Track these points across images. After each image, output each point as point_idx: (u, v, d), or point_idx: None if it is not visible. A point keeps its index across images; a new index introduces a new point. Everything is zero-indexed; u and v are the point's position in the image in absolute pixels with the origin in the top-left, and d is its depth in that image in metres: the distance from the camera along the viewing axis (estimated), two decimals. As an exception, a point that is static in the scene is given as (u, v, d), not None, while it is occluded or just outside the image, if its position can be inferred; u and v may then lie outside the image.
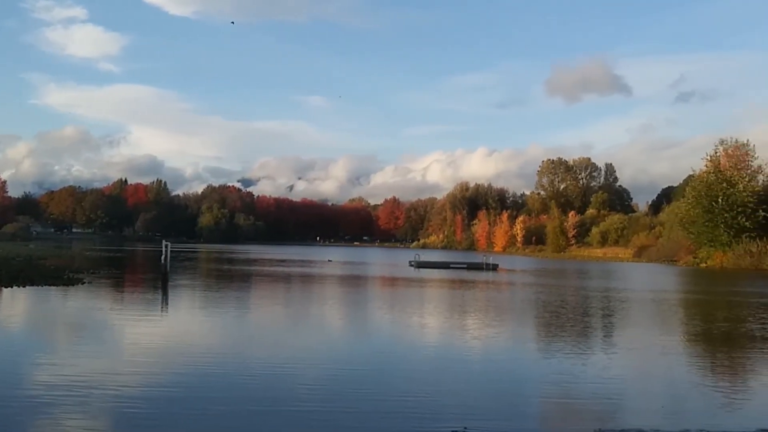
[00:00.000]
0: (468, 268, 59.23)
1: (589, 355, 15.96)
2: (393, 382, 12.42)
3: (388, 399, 10.90)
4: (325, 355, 15.13)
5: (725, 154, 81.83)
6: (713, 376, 14.16)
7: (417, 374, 13.25)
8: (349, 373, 13.08)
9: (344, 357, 14.97)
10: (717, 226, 76.67)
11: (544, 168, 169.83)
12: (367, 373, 13.06)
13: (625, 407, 11.05)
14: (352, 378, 12.57)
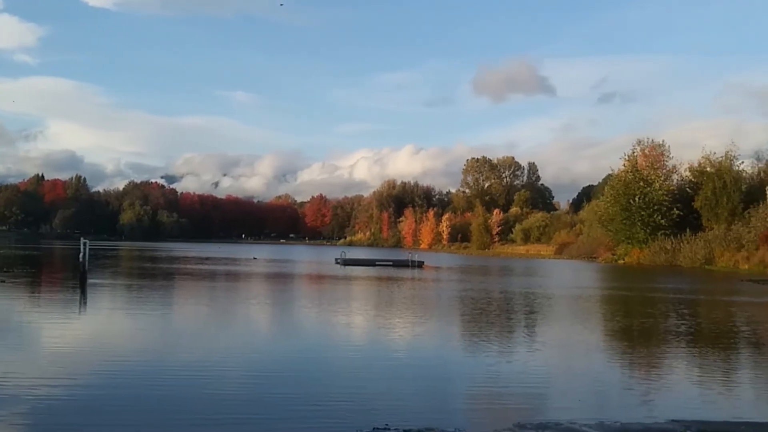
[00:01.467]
0: (394, 266, 59.50)
1: (513, 351, 16.22)
2: (318, 381, 12.33)
3: (313, 398, 10.82)
4: (249, 355, 14.92)
5: (642, 154, 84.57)
6: (631, 370, 14.57)
7: (343, 373, 13.19)
8: (273, 373, 12.92)
9: (269, 357, 14.78)
10: (634, 223, 79.13)
11: (469, 166, 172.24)
12: (292, 373, 12.93)
13: (546, 402, 11.27)
14: (277, 378, 12.42)
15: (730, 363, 15.62)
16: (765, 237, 62.03)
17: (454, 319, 22.85)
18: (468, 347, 16.88)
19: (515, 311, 25.68)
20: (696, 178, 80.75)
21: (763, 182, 75.64)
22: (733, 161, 78.75)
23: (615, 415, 9.99)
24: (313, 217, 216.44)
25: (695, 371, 14.34)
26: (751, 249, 63.45)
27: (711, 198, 75.49)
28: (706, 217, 75.70)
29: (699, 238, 71.32)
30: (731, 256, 65.11)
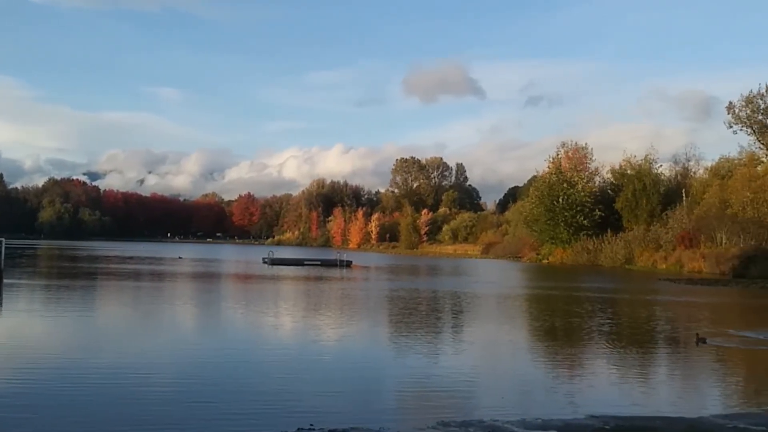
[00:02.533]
0: (322, 265, 59.37)
1: (441, 351, 16.41)
2: (244, 383, 12.19)
3: (238, 400, 10.69)
4: (172, 357, 14.64)
5: (566, 156, 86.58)
6: (554, 368, 14.90)
7: (269, 374, 13.09)
8: (198, 375, 12.72)
9: (193, 359, 14.53)
10: (558, 224, 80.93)
11: (398, 166, 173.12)
12: (217, 375, 12.74)
13: (472, 400, 11.43)
14: (201, 380, 12.23)
15: (649, 360, 16.17)
16: (681, 238, 64.29)
17: (382, 319, 22.94)
18: (396, 347, 16.97)
19: (443, 311, 25.97)
20: (617, 180, 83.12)
21: (680, 185, 78.35)
22: (653, 164, 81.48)
23: (537, 412, 10.22)
24: (240, 215, 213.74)
25: (615, 369, 14.77)
26: (668, 249, 65.69)
27: (631, 200, 77.80)
28: (627, 218, 77.98)
29: (620, 239, 73.43)
30: (650, 256, 67.26)
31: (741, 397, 12.41)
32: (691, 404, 11.37)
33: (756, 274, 48.98)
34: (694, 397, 12.37)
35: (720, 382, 13.80)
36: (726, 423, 9.62)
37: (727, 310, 30.28)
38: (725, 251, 56.72)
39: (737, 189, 63.55)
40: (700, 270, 57.02)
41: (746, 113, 76.87)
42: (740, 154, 76.69)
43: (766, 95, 76.09)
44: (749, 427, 9.40)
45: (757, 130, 76.56)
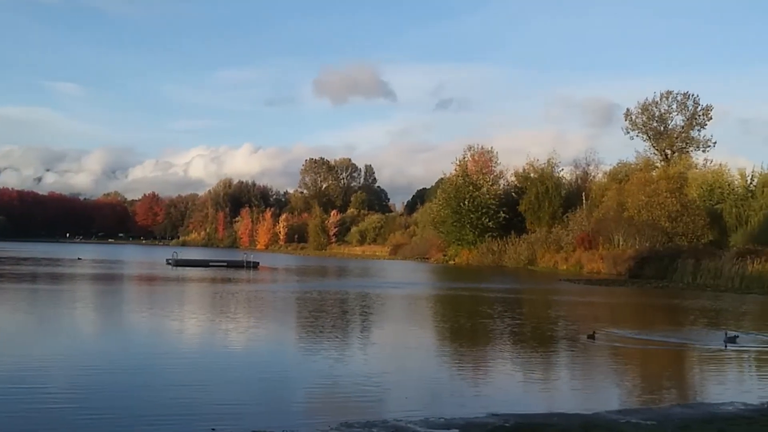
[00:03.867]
0: (228, 266, 58.53)
1: (348, 352, 16.49)
2: (146, 389, 11.90)
3: (141, 407, 10.44)
4: (70, 364, 14.14)
5: (472, 159, 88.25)
6: (459, 368, 15.22)
7: (173, 379, 12.84)
8: (97, 382, 12.35)
9: (93, 365, 14.06)
10: (464, 225, 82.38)
11: (307, 167, 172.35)
12: (118, 381, 12.41)
13: (377, 400, 11.55)
14: (102, 387, 11.87)
15: (549, 359, 16.71)
16: (581, 239, 66.53)
17: (290, 322, 22.86)
18: (303, 350, 16.95)
19: (352, 312, 26.07)
20: (521, 183, 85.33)
21: (580, 188, 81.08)
22: (555, 168, 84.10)
23: (441, 411, 10.41)
24: (144, 215, 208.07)
25: (518, 368, 15.20)
26: (569, 250, 67.87)
27: (534, 202, 80.00)
28: (530, 220, 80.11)
29: (523, 240, 75.38)
30: (551, 257, 69.33)
31: (634, 394, 12.99)
32: (587, 401, 11.81)
33: (650, 274, 51.20)
34: (591, 394, 12.86)
35: (615, 380, 14.39)
36: (619, 418, 10.06)
37: (624, 309, 31.55)
38: (622, 252, 59.03)
39: (633, 193, 66.23)
40: (598, 270, 59.14)
41: (642, 120, 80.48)
42: (636, 159, 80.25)
43: (661, 103, 79.88)
44: (641, 422, 9.85)
45: (652, 137, 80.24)
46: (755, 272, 42.32)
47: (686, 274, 47.69)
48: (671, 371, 15.87)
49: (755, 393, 12.59)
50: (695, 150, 79.10)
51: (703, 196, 66.56)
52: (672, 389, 13.67)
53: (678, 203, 62.91)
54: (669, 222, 61.92)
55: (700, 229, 62.29)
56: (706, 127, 78.92)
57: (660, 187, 64.51)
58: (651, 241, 59.35)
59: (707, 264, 46.66)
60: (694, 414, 10.53)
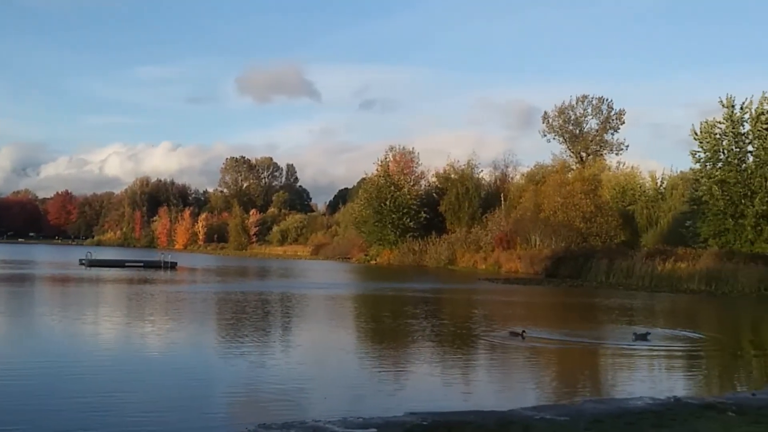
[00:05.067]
0: (145, 267, 57.19)
1: (269, 353, 16.40)
2: (59, 396, 11.52)
3: (52, 415, 10.10)
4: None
5: (394, 160, 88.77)
6: (379, 367, 15.31)
7: (87, 385, 12.48)
8: (4, 389, 11.92)
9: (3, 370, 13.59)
10: (385, 226, 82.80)
11: (227, 166, 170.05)
12: (28, 388, 11.98)
13: (298, 401, 11.53)
14: (9, 395, 11.47)
15: (468, 358, 16.98)
16: (499, 240, 67.77)
17: (209, 323, 22.53)
18: (224, 352, 16.74)
19: (273, 313, 25.86)
20: (441, 184, 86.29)
21: (499, 189, 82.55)
22: (474, 169, 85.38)
23: (359, 411, 10.45)
24: (57, 214, 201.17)
25: (437, 367, 15.40)
26: (487, 250, 69.01)
27: (454, 203, 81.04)
28: (450, 220, 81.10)
29: (443, 240, 76.24)
30: (471, 256, 70.37)
31: (550, 391, 13.32)
32: (504, 398, 12.06)
33: (565, 273, 52.54)
34: (507, 391, 13.13)
35: (532, 378, 14.72)
36: (534, 415, 10.29)
37: (541, 308, 32.31)
38: (538, 252, 60.40)
39: (549, 194, 67.87)
40: (516, 270, 60.36)
41: (559, 123, 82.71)
42: (553, 161, 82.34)
43: (576, 107, 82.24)
44: (554, 417, 10.10)
45: (568, 139, 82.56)
46: (664, 271, 44.00)
47: (600, 273, 49.15)
48: (585, 368, 16.33)
49: (664, 388, 13.06)
50: (609, 153, 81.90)
51: (615, 197, 68.78)
52: (585, 386, 14.08)
53: (592, 204, 64.81)
54: (583, 223, 63.73)
55: (613, 230, 64.36)
56: (619, 130, 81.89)
57: (575, 189, 66.30)
58: (566, 242, 60.93)
59: (619, 263, 48.21)
60: (605, 409, 10.85)
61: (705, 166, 49.34)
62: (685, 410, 10.73)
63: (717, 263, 42.08)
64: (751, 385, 14.11)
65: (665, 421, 9.90)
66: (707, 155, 49.12)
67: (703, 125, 49.41)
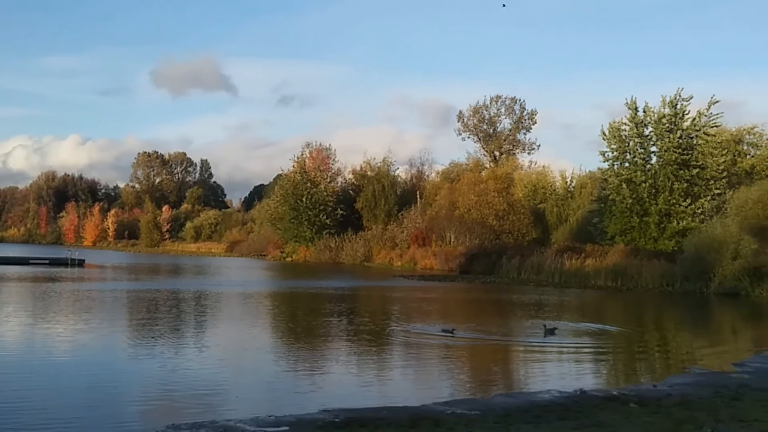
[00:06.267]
0: (51, 264, 55.25)
1: (181, 352, 16.16)
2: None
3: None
4: None
5: (310, 156, 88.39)
6: (293, 366, 15.30)
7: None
8: None
9: None
10: (301, 222, 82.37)
11: (139, 161, 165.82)
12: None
13: (210, 401, 11.41)
14: None
15: (382, 355, 17.11)
16: (415, 237, 68.40)
17: (120, 323, 21.95)
18: (136, 352, 16.37)
19: (186, 312, 25.42)
20: (358, 181, 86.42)
21: (415, 187, 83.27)
22: (391, 167, 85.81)
23: (272, 409, 10.41)
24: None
25: (351, 364, 15.48)
26: (403, 247, 69.55)
27: (371, 200, 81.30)
28: (366, 217, 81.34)
29: (360, 237, 76.39)
30: (387, 253, 70.77)
31: (462, 386, 13.57)
32: (417, 394, 12.21)
33: (479, 270, 53.46)
34: (420, 387, 13.29)
35: (445, 373, 14.97)
36: (445, 410, 10.47)
37: (455, 305, 32.79)
38: (453, 249, 61.26)
39: (464, 192, 68.90)
40: (431, 267, 61.08)
41: (473, 122, 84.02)
42: (467, 159, 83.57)
43: (490, 106, 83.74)
44: (465, 412, 10.30)
45: (482, 138, 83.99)
46: (572, 268, 45.34)
47: (512, 269, 50.22)
48: (497, 363, 16.69)
49: (571, 381, 13.47)
50: (521, 152, 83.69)
51: (527, 196, 70.35)
52: (497, 380, 14.40)
53: (505, 202, 66.15)
54: (496, 220, 64.98)
55: (525, 227, 65.89)
56: (531, 130, 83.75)
57: (488, 187, 67.52)
58: (480, 239, 61.98)
59: (531, 260, 49.41)
60: (514, 403, 11.14)
61: (613, 165, 51.04)
62: (590, 402, 11.12)
63: (623, 260, 43.62)
64: (652, 377, 14.70)
65: (571, 413, 10.23)
66: (615, 155, 50.83)
67: (610, 126, 51.09)
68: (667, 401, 11.17)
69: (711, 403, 10.96)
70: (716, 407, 10.63)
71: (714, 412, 10.23)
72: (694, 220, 45.85)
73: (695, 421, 9.67)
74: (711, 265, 35.96)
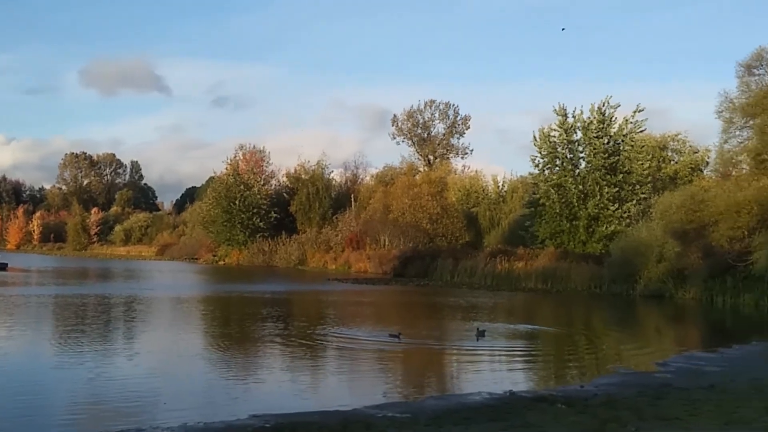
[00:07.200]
0: (-29, 269, 53.28)
1: (111, 359, 15.79)
2: None
3: None
4: None
5: (244, 158, 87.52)
6: (225, 371, 15.12)
7: None
8: None
9: None
10: (234, 225, 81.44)
11: (67, 161, 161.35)
12: None
13: (141, 408, 11.18)
14: None
15: (314, 359, 17.08)
16: (349, 240, 68.40)
17: (46, 329, 21.32)
18: (63, 359, 15.89)
19: (115, 318, 24.85)
20: (292, 184, 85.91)
21: (349, 190, 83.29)
22: (325, 170, 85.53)
23: (203, 416, 10.26)
24: None
25: (284, 369, 15.41)
26: (338, 251, 69.47)
27: (305, 203, 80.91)
28: (301, 220, 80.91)
29: (294, 240, 75.96)
30: (321, 257, 70.59)
31: (394, 389, 13.63)
32: (349, 398, 12.20)
33: (413, 273, 53.76)
34: (354, 391, 13.33)
35: (377, 377, 15.01)
36: (377, 413, 10.50)
37: (388, 308, 32.92)
38: (387, 252, 61.48)
39: (398, 196, 69.24)
40: (365, 270, 61.13)
41: (408, 126, 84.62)
42: (401, 163, 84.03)
43: (425, 111, 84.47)
44: (396, 415, 10.35)
45: (416, 142, 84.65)
46: (504, 270, 46.06)
47: (445, 272, 50.69)
48: (430, 367, 16.82)
49: (502, 383, 13.66)
50: (455, 156, 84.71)
51: (461, 200, 71.15)
52: (429, 383, 14.53)
53: (438, 206, 66.71)
54: (430, 224, 65.48)
55: (458, 231, 66.58)
56: (465, 135, 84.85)
57: (422, 191, 68.00)
58: (414, 242, 62.36)
59: (464, 263, 49.96)
60: (445, 405, 11.25)
61: (543, 171, 52.02)
62: (519, 403, 11.30)
63: (552, 263, 44.51)
64: (580, 378, 15.03)
65: (500, 415, 10.38)
66: (545, 160, 51.80)
67: (541, 132, 52.09)
68: (593, 401, 11.43)
69: (635, 403, 11.26)
70: (640, 406, 10.93)
71: (638, 412, 10.51)
72: (621, 224, 47.07)
73: (620, 420, 9.93)
74: (637, 267, 37.00)
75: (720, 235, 32.98)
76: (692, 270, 34.55)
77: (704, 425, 9.67)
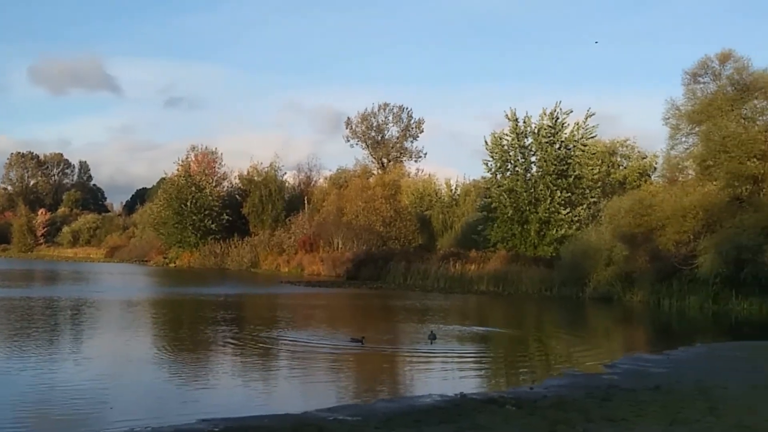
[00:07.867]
0: None
1: (56, 365, 15.49)
2: None
3: None
4: None
5: (195, 159, 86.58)
6: (174, 375, 14.95)
7: None
8: None
9: None
10: (186, 227, 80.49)
11: (12, 161, 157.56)
12: None
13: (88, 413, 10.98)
14: None
15: (265, 363, 16.97)
16: (302, 242, 68.10)
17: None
18: (6, 364, 15.46)
19: (63, 321, 24.36)
20: (245, 186, 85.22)
21: (303, 192, 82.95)
22: (278, 172, 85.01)
23: (152, 420, 10.12)
24: None
25: (235, 373, 15.29)
26: (290, 253, 69.11)
27: (258, 205, 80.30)
28: (253, 223, 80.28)
29: (246, 243, 75.37)
30: (274, 259, 70.16)
31: (347, 393, 13.64)
32: (301, 402, 12.17)
33: (366, 276, 53.79)
34: (305, 395, 13.29)
35: (329, 381, 14.96)
36: (328, 416, 10.49)
37: (342, 310, 32.88)
38: (341, 255, 61.38)
39: (352, 198, 69.23)
40: (319, 273, 60.91)
41: (362, 129, 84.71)
42: (355, 166, 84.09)
43: (378, 114, 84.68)
44: (347, 418, 10.36)
45: (370, 145, 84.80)
46: (457, 273, 46.40)
47: (398, 275, 50.82)
48: (382, 369, 16.83)
49: (453, 385, 13.75)
50: (408, 160, 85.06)
51: (414, 202, 71.45)
52: (380, 386, 14.54)
53: (392, 209, 66.84)
54: (384, 227, 65.56)
55: (412, 234, 66.80)
56: (418, 138, 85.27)
57: (376, 194, 68.10)
58: (367, 245, 62.34)
59: (417, 266, 50.16)
60: (396, 407, 11.28)
61: (495, 175, 52.49)
62: (469, 405, 11.40)
63: (504, 266, 45.01)
64: (530, 380, 15.20)
65: (451, 417, 10.45)
66: (497, 165, 52.28)
67: (492, 137, 52.56)
68: (542, 403, 11.58)
69: (583, 404, 11.44)
70: (588, 408, 11.11)
71: (586, 413, 10.69)
72: (571, 228, 47.76)
73: (569, 421, 10.08)
74: (586, 271, 37.60)
75: (667, 239, 33.73)
76: (640, 273, 35.24)
77: (650, 426, 9.88)
